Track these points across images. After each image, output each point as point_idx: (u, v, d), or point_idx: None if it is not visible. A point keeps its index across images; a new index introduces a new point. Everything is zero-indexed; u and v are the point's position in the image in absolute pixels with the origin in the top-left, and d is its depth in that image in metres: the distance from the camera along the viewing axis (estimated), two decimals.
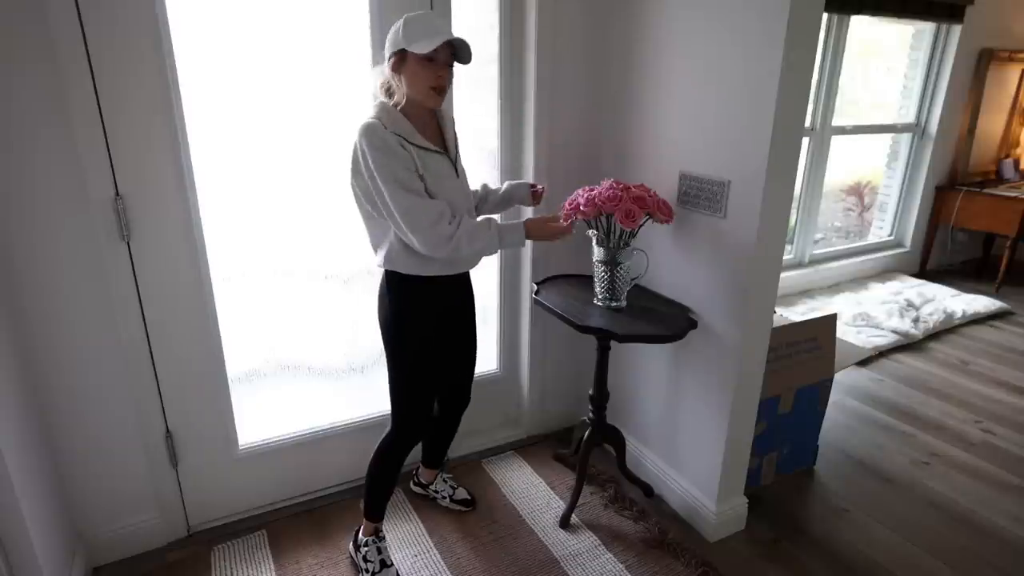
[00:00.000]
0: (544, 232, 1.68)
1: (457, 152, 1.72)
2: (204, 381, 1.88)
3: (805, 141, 3.73)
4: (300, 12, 1.79)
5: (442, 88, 1.55)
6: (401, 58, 1.52)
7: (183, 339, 1.81)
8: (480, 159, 2.24)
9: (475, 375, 2.39)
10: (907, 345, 3.44)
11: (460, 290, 1.79)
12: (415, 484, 2.18)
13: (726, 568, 1.88)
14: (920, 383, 3.05)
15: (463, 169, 1.73)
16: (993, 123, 4.54)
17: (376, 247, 1.66)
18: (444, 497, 2.10)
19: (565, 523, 2.03)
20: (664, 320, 1.85)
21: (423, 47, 1.48)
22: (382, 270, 1.68)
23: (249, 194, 1.86)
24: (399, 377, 1.72)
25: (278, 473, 2.08)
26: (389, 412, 1.76)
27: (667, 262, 1.99)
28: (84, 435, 1.75)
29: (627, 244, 1.82)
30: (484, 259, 1.78)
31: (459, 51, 1.53)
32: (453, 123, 1.75)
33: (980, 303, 3.94)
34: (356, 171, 1.56)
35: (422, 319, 1.68)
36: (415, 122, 1.58)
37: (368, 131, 1.51)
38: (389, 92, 1.58)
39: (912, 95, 4.27)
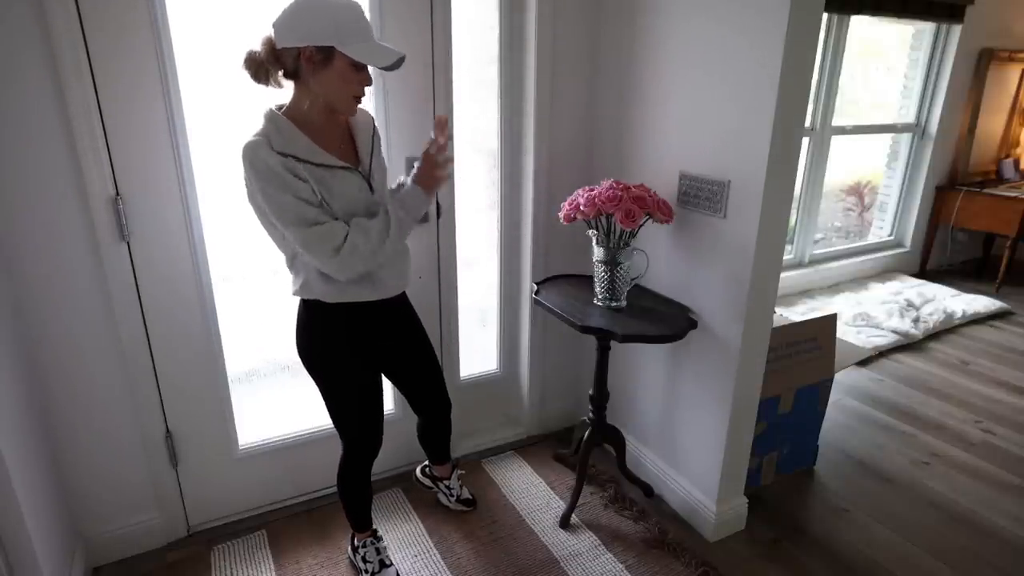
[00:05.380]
0: (431, 177, 1.45)
1: (372, 164, 1.48)
2: (204, 381, 1.88)
3: (805, 141, 3.73)
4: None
5: (362, 96, 1.39)
6: (327, 57, 1.30)
7: (183, 339, 1.81)
8: (480, 160, 2.24)
9: (472, 375, 2.41)
10: (907, 345, 3.44)
11: (391, 311, 1.64)
12: (423, 475, 2.15)
13: (726, 568, 1.88)
14: (920, 383, 3.05)
15: (383, 183, 1.52)
16: (993, 123, 4.54)
17: (291, 270, 1.50)
18: (452, 496, 2.08)
19: (565, 523, 2.03)
20: (664, 320, 1.85)
21: (369, 56, 1.29)
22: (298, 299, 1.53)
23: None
24: (333, 407, 1.63)
25: (278, 473, 2.08)
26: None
27: (667, 262, 1.99)
28: (84, 435, 1.75)
29: (627, 244, 1.82)
30: (482, 259, 1.76)
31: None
32: (371, 127, 1.53)
33: (980, 303, 3.94)
34: (250, 199, 1.37)
35: (351, 349, 1.55)
36: (316, 132, 1.37)
37: (250, 153, 1.30)
38: (259, 77, 1.34)
39: (912, 95, 4.27)
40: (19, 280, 1.57)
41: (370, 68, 1.38)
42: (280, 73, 1.37)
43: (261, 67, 1.34)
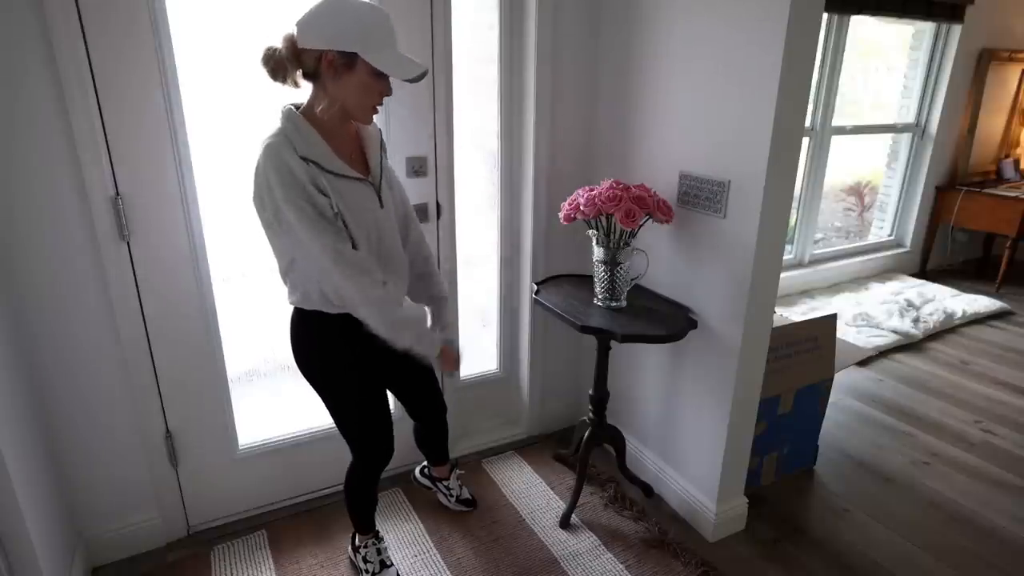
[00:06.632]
0: (432, 357, 1.56)
1: (383, 177, 1.47)
2: (204, 381, 1.88)
3: (805, 141, 3.73)
4: (301, 12, 1.78)
5: (379, 106, 1.37)
6: (349, 63, 1.27)
7: (183, 339, 1.81)
8: (480, 159, 2.24)
9: (472, 375, 2.42)
10: (907, 345, 3.44)
11: None
12: (422, 475, 2.15)
13: (726, 568, 1.88)
14: (920, 383, 3.05)
15: (390, 198, 1.50)
16: (993, 123, 4.54)
17: (287, 279, 1.46)
18: (452, 496, 2.08)
19: (565, 523, 2.03)
20: (664, 320, 1.85)
21: (393, 67, 1.27)
22: (293, 307, 1.50)
23: (249, 194, 1.85)
24: (339, 417, 1.62)
25: (278, 473, 2.08)
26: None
27: (667, 262, 1.99)
28: (84, 435, 1.75)
29: (627, 244, 1.82)
30: (482, 259, 1.76)
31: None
32: (380, 140, 1.50)
33: (980, 303, 3.94)
34: (259, 200, 1.33)
35: (352, 356, 1.53)
36: (331, 137, 1.34)
37: (272, 155, 1.26)
38: (277, 75, 1.30)
39: (912, 95, 4.26)
40: (19, 280, 1.57)
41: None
42: (298, 73, 1.34)
43: (280, 65, 1.30)
